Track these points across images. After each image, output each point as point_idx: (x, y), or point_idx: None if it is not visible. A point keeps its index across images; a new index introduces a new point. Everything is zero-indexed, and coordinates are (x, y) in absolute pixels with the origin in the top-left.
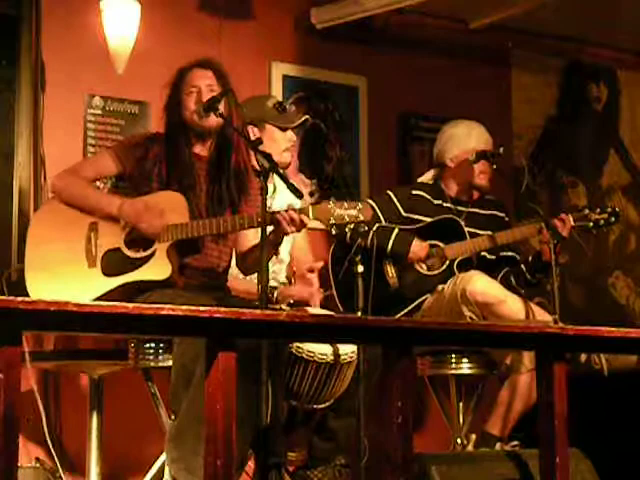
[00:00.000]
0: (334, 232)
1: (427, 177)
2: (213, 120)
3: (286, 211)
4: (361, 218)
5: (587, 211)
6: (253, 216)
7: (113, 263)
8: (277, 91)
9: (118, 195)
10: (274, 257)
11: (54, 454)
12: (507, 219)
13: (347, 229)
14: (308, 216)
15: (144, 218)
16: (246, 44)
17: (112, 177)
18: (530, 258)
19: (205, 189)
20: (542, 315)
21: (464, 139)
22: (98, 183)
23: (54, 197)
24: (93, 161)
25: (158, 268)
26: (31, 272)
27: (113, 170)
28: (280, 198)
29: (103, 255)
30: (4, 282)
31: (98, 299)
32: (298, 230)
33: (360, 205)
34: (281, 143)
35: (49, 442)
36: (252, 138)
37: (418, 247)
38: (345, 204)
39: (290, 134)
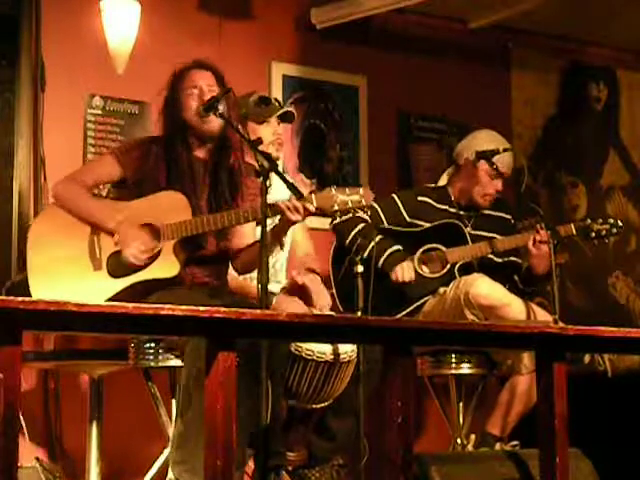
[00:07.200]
0: (337, 219)
1: (443, 179)
2: (215, 123)
3: (288, 200)
4: (364, 203)
5: (589, 221)
6: (256, 209)
7: (119, 265)
8: (277, 91)
9: (120, 200)
10: (275, 251)
11: (54, 454)
12: (513, 221)
13: (350, 214)
14: (312, 203)
15: (132, 246)
16: (246, 44)
17: (113, 182)
18: (524, 270)
19: (204, 192)
20: (543, 316)
21: (475, 142)
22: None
23: (55, 202)
24: (94, 167)
25: (166, 266)
26: (35, 277)
27: (114, 176)
28: (275, 194)
29: (108, 257)
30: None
31: (108, 302)
32: (303, 218)
33: (362, 190)
34: (265, 137)
35: (49, 442)
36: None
37: (404, 268)
38: (347, 190)
39: (274, 127)
